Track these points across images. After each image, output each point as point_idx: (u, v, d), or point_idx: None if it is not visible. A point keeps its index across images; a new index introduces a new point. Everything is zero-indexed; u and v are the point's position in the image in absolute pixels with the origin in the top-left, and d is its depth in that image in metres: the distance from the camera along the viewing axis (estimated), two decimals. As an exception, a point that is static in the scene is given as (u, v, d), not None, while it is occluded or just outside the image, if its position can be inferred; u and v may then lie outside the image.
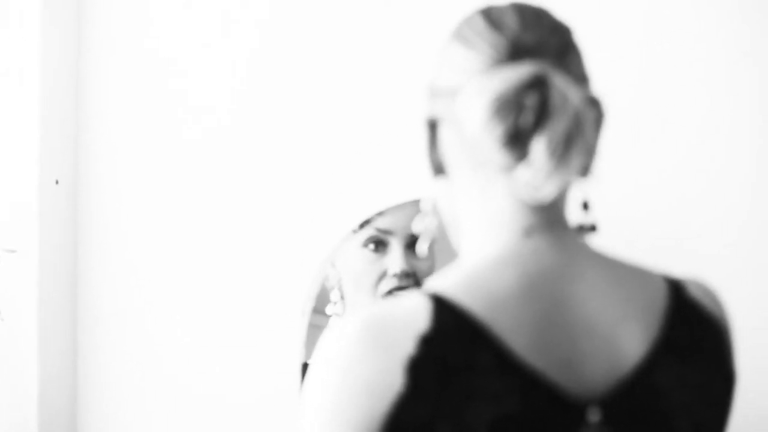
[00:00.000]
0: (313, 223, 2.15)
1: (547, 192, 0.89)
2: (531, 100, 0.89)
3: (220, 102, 2.29)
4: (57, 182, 2.35)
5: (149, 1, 2.35)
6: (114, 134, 2.37)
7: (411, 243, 1.61)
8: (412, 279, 1.60)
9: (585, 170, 0.96)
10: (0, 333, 2.28)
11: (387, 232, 1.61)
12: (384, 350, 0.86)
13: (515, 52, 0.92)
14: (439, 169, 1.01)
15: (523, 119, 0.89)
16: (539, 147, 0.88)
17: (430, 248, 1.72)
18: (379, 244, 1.62)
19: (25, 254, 2.28)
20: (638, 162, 2.01)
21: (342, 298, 1.68)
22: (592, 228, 0.99)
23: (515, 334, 0.88)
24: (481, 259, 0.94)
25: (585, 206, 0.99)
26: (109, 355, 2.34)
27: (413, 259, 1.57)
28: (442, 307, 0.88)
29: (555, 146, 0.88)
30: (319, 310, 1.83)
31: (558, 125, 0.88)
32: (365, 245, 1.62)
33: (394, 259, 1.58)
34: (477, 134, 0.91)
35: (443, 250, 1.77)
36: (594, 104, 0.95)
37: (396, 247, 1.57)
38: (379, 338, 0.87)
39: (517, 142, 0.90)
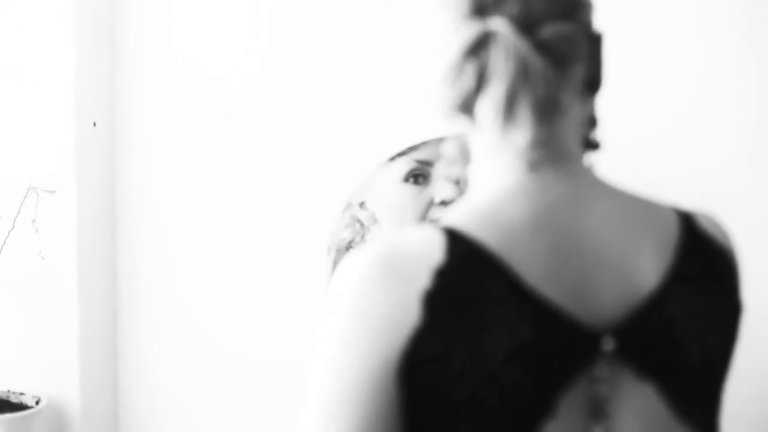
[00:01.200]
0: (334, 170, 2.16)
1: (517, 143, 0.90)
2: (471, 66, 0.89)
3: (251, 48, 2.29)
4: (94, 124, 2.38)
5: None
6: (150, 75, 2.38)
7: (449, 176, 1.59)
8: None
9: (594, 87, 0.95)
10: (41, 272, 2.33)
11: (427, 163, 1.59)
12: (399, 283, 0.86)
13: (477, 9, 0.91)
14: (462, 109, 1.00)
15: (466, 85, 0.90)
16: (483, 111, 0.89)
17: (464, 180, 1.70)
18: (420, 175, 1.60)
19: (65, 195, 2.32)
20: (649, 106, 1.99)
21: (377, 224, 1.65)
22: (597, 145, 0.97)
23: (528, 265, 0.87)
24: (491, 193, 0.93)
25: (592, 122, 0.97)
26: (149, 294, 2.39)
27: (456, 188, 1.56)
28: (456, 240, 0.87)
29: (497, 109, 0.88)
30: (341, 248, 1.82)
31: (498, 87, 0.88)
32: (406, 179, 1.59)
33: (441, 185, 1.56)
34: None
35: None
36: (559, 44, 0.92)
37: (440, 177, 1.56)
38: (394, 271, 0.86)
39: (467, 108, 0.91)
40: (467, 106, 0.91)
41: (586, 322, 0.88)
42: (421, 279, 0.85)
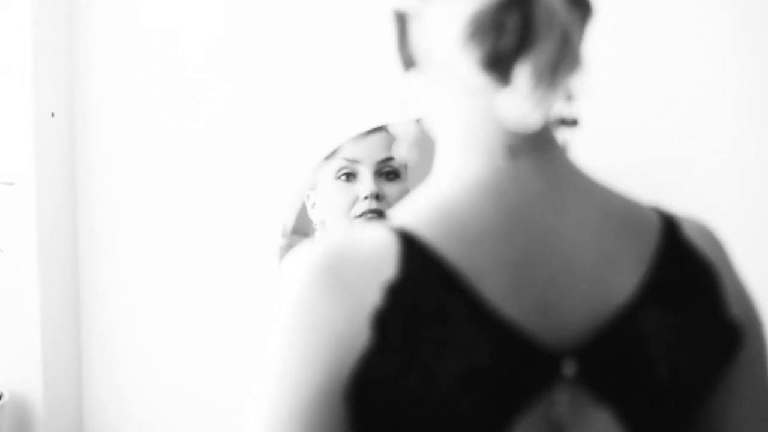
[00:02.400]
0: (289, 153, 2.15)
1: (533, 119, 0.79)
2: (512, 20, 0.77)
3: (209, 33, 2.27)
4: (53, 114, 2.34)
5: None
6: (110, 62, 2.35)
7: (379, 170, 1.70)
8: (384, 202, 1.67)
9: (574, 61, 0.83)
10: (0, 265, 2.30)
11: (354, 161, 1.70)
12: (347, 298, 0.77)
13: None
14: (409, 63, 0.88)
15: (504, 41, 0.78)
16: (524, 73, 0.77)
17: (398, 171, 1.73)
18: (349, 173, 1.71)
19: (24, 187, 2.28)
20: (639, 93, 1.99)
21: (323, 223, 1.74)
22: (574, 122, 0.87)
23: (489, 277, 0.79)
24: (457, 185, 0.83)
25: (568, 97, 0.86)
26: (112, 285, 2.36)
27: (383, 184, 1.66)
28: (411, 249, 0.78)
29: (541, 71, 0.77)
30: (298, 231, 1.85)
31: (544, 47, 0.77)
32: (337, 176, 1.70)
33: (363, 182, 1.66)
34: (452, 57, 0.81)
35: (417, 174, 1.78)
36: (579, 4, 0.83)
37: (365, 173, 1.66)
38: (341, 283, 0.78)
39: (498, 65, 0.79)
40: (498, 65, 0.79)
41: (549, 343, 0.80)
42: (371, 295, 0.77)
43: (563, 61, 0.78)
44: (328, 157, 1.73)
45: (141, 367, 2.34)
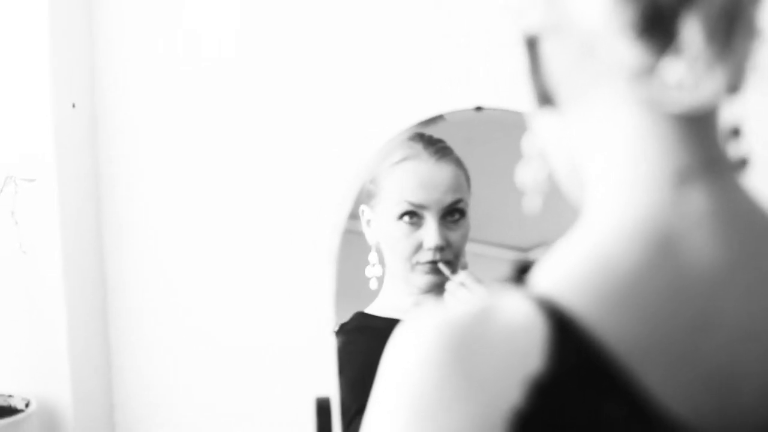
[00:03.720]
0: (317, 146, 2.04)
1: (708, 91, 0.62)
2: None
3: (237, 24, 2.15)
4: (74, 105, 2.22)
5: None
6: (132, 51, 2.23)
7: (444, 215, 1.60)
8: (448, 251, 1.59)
9: (735, 83, 0.65)
10: (23, 267, 2.19)
11: (421, 206, 1.60)
12: (480, 394, 0.61)
13: None
14: (545, 98, 0.72)
15: None
16: (693, 27, 0.61)
17: (464, 212, 1.66)
18: (414, 216, 1.61)
19: (45, 183, 2.17)
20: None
21: (380, 260, 1.65)
22: (743, 162, 0.69)
23: (657, 362, 0.62)
24: (613, 234, 0.65)
25: (735, 132, 0.69)
26: (140, 285, 2.25)
27: (447, 230, 1.58)
28: (564, 333, 0.61)
29: (715, 23, 0.61)
30: (355, 215, 1.75)
31: None
32: (400, 218, 1.60)
33: (429, 233, 1.57)
34: (598, 27, 0.65)
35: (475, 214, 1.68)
36: None
37: (430, 221, 1.57)
38: (474, 372, 0.61)
39: (658, 26, 0.63)
40: (659, 24, 0.62)
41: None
42: (510, 392, 0.60)
43: (738, 12, 0.62)
44: (394, 143, 1.62)
45: (172, 371, 2.24)
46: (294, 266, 2.14)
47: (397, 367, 0.63)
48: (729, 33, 0.62)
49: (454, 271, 1.60)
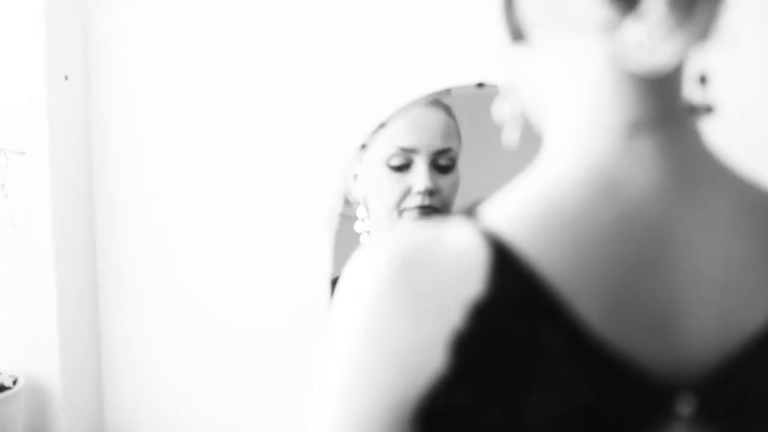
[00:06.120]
0: (329, 135, 2.00)
1: (666, 55, 0.65)
2: None
3: (233, 4, 2.10)
4: (66, 78, 2.17)
5: None
6: (126, 20, 2.18)
7: (434, 160, 1.55)
8: (436, 197, 1.55)
9: (706, 30, 0.69)
10: (13, 241, 2.15)
11: (411, 150, 1.55)
12: (423, 315, 0.65)
13: None
14: (517, 33, 0.74)
15: None
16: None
17: (453, 161, 1.62)
18: (403, 161, 1.56)
19: (36, 156, 2.12)
20: None
21: (368, 213, 1.61)
22: (708, 109, 0.72)
23: (596, 295, 0.65)
24: (563, 177, 0.68)
25: (702, 80, 0.72)
26: (131, 260, 2.21)
27: (437, 176, 1.53)
28: (504, 262, 0.65)
29: None
30: (346, 214, 1.73)
31: None
32: (388, 163, 1.55)
33: (419, 177, 1.53)
34: None
35: (468, 164, 1.65)
36: None
37: (420, 164, 1.53)
38: (417, 295, 0.65)
39: None
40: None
41: (661, 374, 0.66)
42: (451, 314, 0.65)
43: None
44: (378, 129, 1.58)
45: (163, 348, 2.20)
46: (291, 251, 2.10)
47: (350, 289, 0.68)
48: (692, 1, 0.64)
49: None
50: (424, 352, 0.65)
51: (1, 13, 2.13)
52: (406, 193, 1.57)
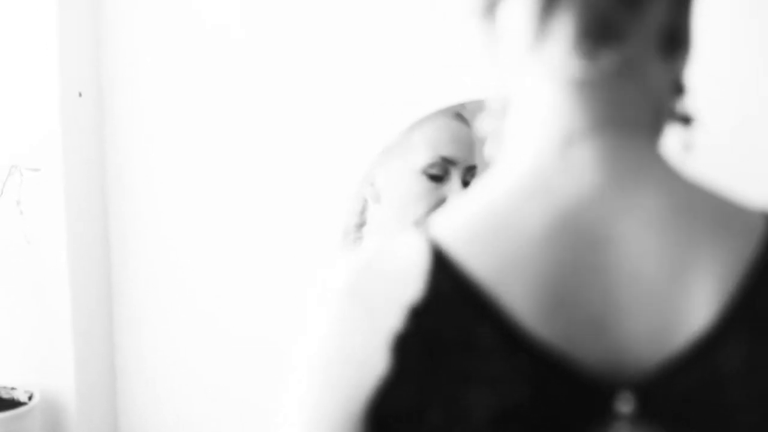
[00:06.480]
0: (340, 144, 2.00)
1: (582, 71, 0.69)
2: None
3: (244, 15, 2.11)
4: (80, 95, 2.19)
5: None
6: (138, 39, 2.20)
7: (464, 175, 1.53)
8: None
9: (678, 44, 0.72)
10: (28, 257, 2.16)
11: (451, 161, 1.51)
12: (367, 319, 0.69)
13: None
14: (496, 59, 0.78)
15: None
16: (565, 18, 0.69)
17: (473, 180, 1.61)
18: (441, 172, 1.51)
19: (50, 173, 2.14)
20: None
21: (375, 219, 1.58)
22: (686, 119, 0.72)
23: (529, 296, 0.68)
24: (502, 186, 0.71)
25: (678, 89, 0.73)
26: (145, 276, 2.22)
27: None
28: (441, 268, 0.68)
29: (530, 12, 0.69)
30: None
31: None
32: (426, 171, 1.50)
33: (455, 189, 1.48)
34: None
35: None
36: None
37: (456, 178, 1.49)
38: (364, 302, 0.70)
39: (550, 8, 0.69)
40: (492, 8, 0.72)
41: (599, 372, 0.67)
42: (391, 318, 0.68)
43: (624, 17, 0.68)
44: (409, 136, 1.55)
45: (177, 363, 2.21)
46: (303, 261, 2.10)
47: (315, 302, 0.73)
48: (549, 14, 0.68)
49: None
50: (368, 356, 0.69)
51: (15, 30, 2.15)
52: (439, 204, 1.54)
